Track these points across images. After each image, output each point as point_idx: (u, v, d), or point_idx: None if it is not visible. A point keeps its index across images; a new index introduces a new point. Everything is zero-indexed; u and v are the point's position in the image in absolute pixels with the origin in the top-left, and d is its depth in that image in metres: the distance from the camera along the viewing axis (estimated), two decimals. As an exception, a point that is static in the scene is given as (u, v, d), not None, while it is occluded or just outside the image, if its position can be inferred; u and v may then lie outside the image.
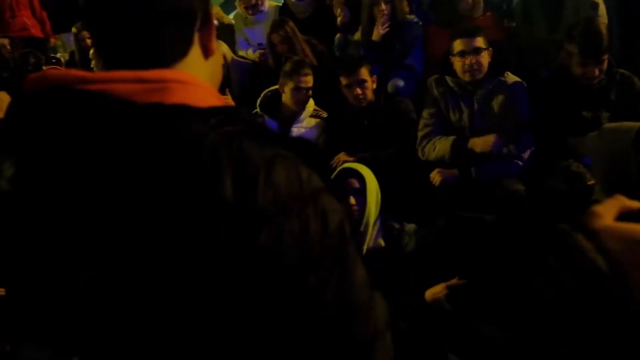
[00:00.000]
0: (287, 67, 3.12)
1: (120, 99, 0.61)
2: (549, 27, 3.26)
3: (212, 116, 0.63)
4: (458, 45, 2.77)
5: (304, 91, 3.11)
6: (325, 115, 3.23)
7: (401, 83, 3.31)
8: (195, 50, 0.71)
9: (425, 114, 2.94)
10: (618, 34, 3.45)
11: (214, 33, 0.73)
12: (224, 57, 3.69)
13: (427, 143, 2.88)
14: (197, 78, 0.68)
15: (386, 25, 3.43)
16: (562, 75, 2.72)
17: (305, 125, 3.14)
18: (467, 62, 2.74)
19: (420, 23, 3.61)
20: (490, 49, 2.80)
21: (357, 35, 3.67)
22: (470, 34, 2.76)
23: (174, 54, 0.68)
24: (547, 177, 2.65)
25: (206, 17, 0.71)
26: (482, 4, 3.49)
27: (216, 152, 0.58)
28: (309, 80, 3.09)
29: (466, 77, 2.79)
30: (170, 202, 0.57)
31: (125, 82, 0.62)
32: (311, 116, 3.17)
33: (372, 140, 2.99)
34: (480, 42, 2.76)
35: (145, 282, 0.60)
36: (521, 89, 2.83)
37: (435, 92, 2.91)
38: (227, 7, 5.60)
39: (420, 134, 2.92)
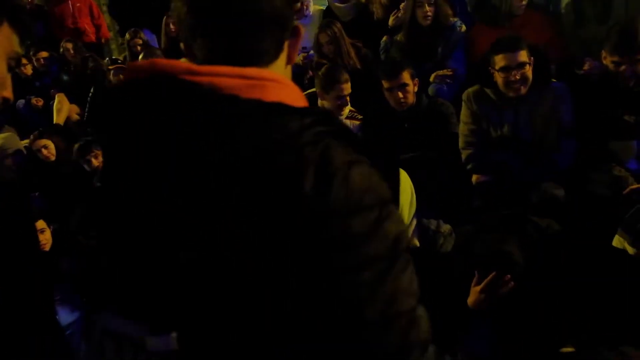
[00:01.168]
0: (325, 74, 3.16)
1: (223, 92, 0.68)
2: (599, 27, 3.17)
3: (306, 116, 0.69)
4: (500, 60, 2.61)
5: (346, 97, 3.16)
6: (360, 117, 3.28)
7: (444, 88, 3.32)
8: (283, 56, 0.79)
9: (465, 130, 2.84)
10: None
11: (299, 44, 0.81)
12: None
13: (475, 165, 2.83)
14: (288, 79, 0.76)
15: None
16: (604, 77, 2.66)
17: (342, 128, 3.20)
18: (512, 78, 2.60)
19: (463, 26, 3.61)
20: (532, 58, 2.64)
21: (400, 37, 3.70)
22: (513, 47, 2.59)
23: (269, 56, 0.76)
24: (589, 181, 2.61)
25: (295, 29, 0.80)
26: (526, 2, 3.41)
27: (305, 149, 0.65)
28: (348, 87, 3.14)
29: (510, 93, 2.65)
30: (260, 188, 0.64)
31: (228, 76, 0.69)
32: (347, 118, 3.22)
33: (412, 142, 3.02)
34: (523, 55, 2.58)
35: (229, 260, 0.66)
36: (566, 94, 2.72)
37: (474, 106, 2.80)
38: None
39: (464, 153, 2.84)
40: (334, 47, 3.73)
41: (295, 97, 0.74)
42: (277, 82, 0.73)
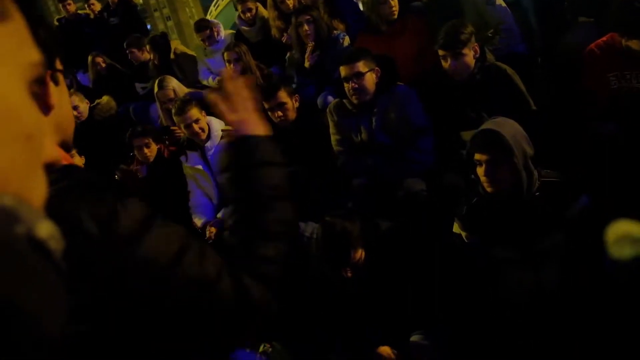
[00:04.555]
0: (173, 109, 3.49)
1: None
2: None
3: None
4: (341, 71, 2.92)
5: (193, 125, 3.42)
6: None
7: (330, 98, 3.53)
8: None
9: (334, 140, 3.12)
10: (539, 26, 3.57)
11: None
12: (174, 91, 4.03)
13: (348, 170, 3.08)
14: None
15: (311, 45, 3.69)
16: (440, 74, 2.89)
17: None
18: (350, 86, 2.89)
19: (346, 36, 3.84)
20: (377, 68, 2.92)
21: (292, 54, 3.95)
22: (350, 60, 2.90)
23: None
24: (445, 175, 2.84)
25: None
26: (397, 7, 3.59)
27: None
28: (192, 115, 3.40)
29: (354, 100, 2.95)
30: None
31: None
32: (222, 138, 3.45)
33: (301, 154, 3.25)
34: (360, 66, 2.86)
35: None
36: (411, 96, 2.97)
37: (335, 117, 3.08)
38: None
39: (339, 161, 3.11)
40: (240, 67, 3.97)
41: None
42: None
